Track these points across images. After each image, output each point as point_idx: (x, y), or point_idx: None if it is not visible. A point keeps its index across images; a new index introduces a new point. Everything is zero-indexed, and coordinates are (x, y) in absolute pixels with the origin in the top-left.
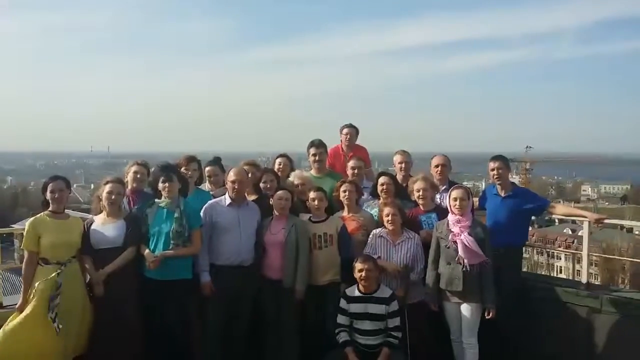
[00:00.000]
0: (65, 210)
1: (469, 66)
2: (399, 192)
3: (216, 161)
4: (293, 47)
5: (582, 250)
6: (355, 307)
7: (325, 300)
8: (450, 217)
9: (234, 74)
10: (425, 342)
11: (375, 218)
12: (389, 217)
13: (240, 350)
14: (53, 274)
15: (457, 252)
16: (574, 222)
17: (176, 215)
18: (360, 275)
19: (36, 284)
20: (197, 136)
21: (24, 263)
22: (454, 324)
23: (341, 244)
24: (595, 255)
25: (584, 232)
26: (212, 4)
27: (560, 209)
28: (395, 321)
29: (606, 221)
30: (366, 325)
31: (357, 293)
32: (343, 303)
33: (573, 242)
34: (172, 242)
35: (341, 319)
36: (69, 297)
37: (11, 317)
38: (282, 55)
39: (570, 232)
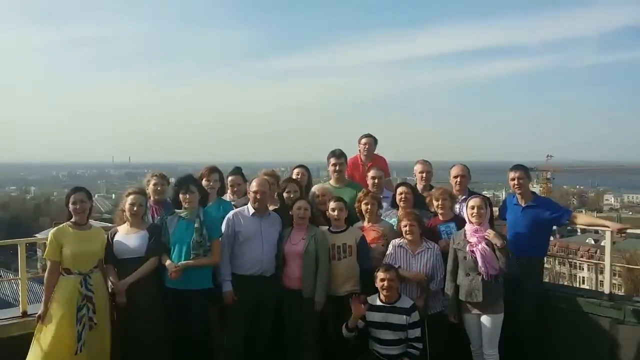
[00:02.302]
0: (89, 220)
1: (488, 74)
2: (418, 202)
3: (238, 171)
4: (309, 57)
5: (604, 261)
6: (375, 316)
7: (345, 311)
8: (468, 227)
9: (252, 84)
10: (445, 353)
11: (395, 228)
12: (407, 228)
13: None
14: (76, 285)
15: (476, 263)
16: (596, 232)
17: (196, 225)
18: (383, 285)
19: (57, 295)
20: (215, 146)
21: (46, 272)
22: (474, 335)
23: (360, 254)
24: (619, 266)
25: (606, 242)
26: (230, 15)
27: (582, 219)
28: (416, 332)
29: (629, 231)
30: (386, 335)
31: (378, 302)
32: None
33: (596, 252)
34: (192, 252)
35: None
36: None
37: (37, 328)
38: (299, 65)
39: (592, 242)
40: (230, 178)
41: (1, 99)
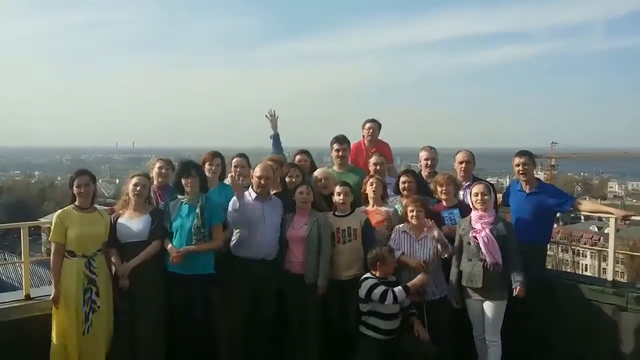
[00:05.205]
0: (94, 204)
1: (494, 60)
2: (422, 189)
3: (243, 155)
4: (317, 42)
5: (608, 248)
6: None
7: (349, 296)
8: (473, 213)
9: (259, 70)
10: (448, 339)
11: (399, 214)
12: (414, 213)
13: (263, 344)
14: (80, 267)
15: (478, 249)
16: (600, 219)
17: (197, 211)
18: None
19: (63, 277)
20: (220, 132)
21: (51, 254)
22: (477, 321)
23: (366, 238)
24: (622, 253)
25: (610, 229)
26: (236, 1)
27: (586, 206)
28: (406, 301)
29: (633, 218)
30: (391, 308)
31: (373, 280)
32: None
33: (599, 240)
34: (194, 237)
35: (364, 307)
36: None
37: (53, 310)
38: (307, 50)
39: (596, 230)
40: (235, 159)
41: (4, 84)
